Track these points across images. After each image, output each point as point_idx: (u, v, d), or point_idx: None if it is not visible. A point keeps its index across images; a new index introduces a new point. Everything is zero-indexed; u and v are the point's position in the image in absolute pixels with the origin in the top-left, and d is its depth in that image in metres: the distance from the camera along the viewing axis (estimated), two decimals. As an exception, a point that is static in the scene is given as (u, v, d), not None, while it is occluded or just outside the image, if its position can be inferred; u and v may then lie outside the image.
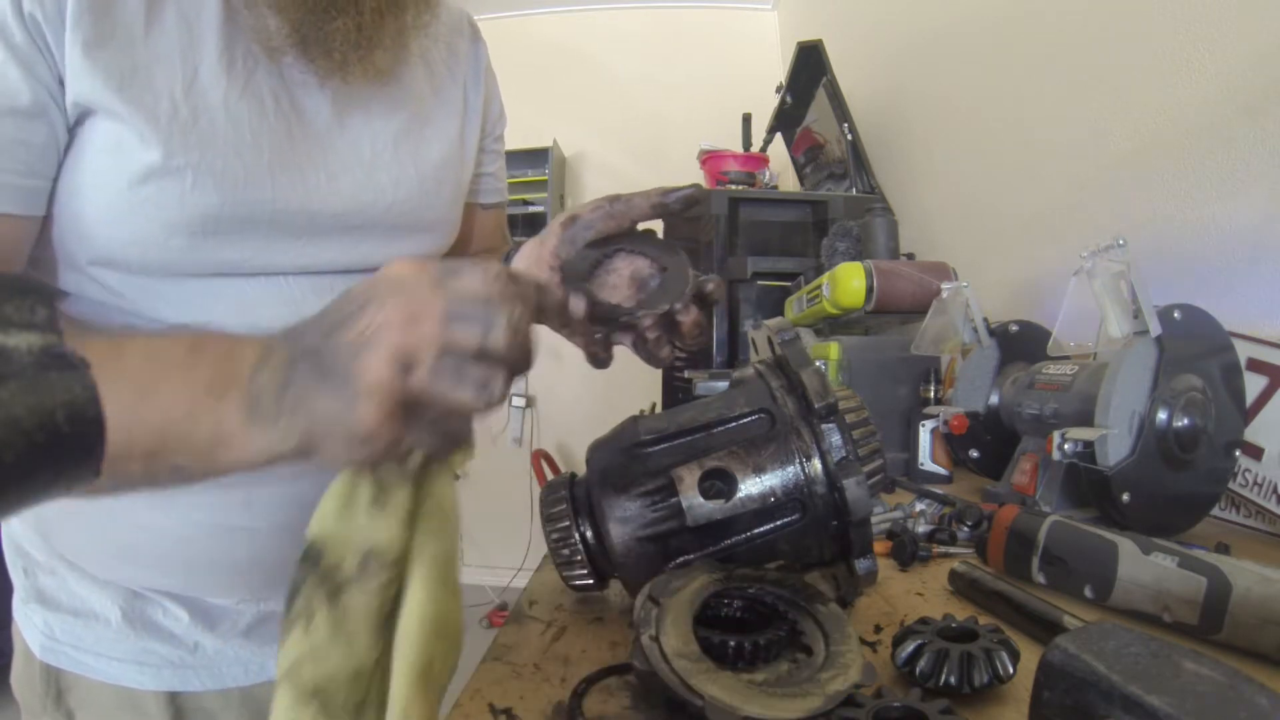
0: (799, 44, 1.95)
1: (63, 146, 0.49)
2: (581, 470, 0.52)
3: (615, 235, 0.54)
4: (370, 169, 0.59)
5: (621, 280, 0.55)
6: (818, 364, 0.51)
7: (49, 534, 0.60)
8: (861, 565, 0.45)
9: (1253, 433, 0.74)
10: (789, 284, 1.55)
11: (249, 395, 0.37)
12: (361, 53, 0.54)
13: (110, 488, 0.39)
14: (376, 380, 0.34)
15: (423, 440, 0.37)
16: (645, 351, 0.54)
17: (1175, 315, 0.69)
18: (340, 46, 0.53)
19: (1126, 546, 0.50)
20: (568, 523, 0.48)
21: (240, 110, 0.51)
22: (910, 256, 1.44)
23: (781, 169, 2.58)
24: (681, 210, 0.53)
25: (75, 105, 0.47)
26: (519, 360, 0.36)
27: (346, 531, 0.39)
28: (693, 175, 2.35)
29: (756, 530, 0.45)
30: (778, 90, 2.16)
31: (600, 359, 0.55)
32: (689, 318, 0.52)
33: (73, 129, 0.49)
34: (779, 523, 0.45)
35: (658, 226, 1.63)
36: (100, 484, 0.40)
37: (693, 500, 0.44)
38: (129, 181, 0.48)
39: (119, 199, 0.49)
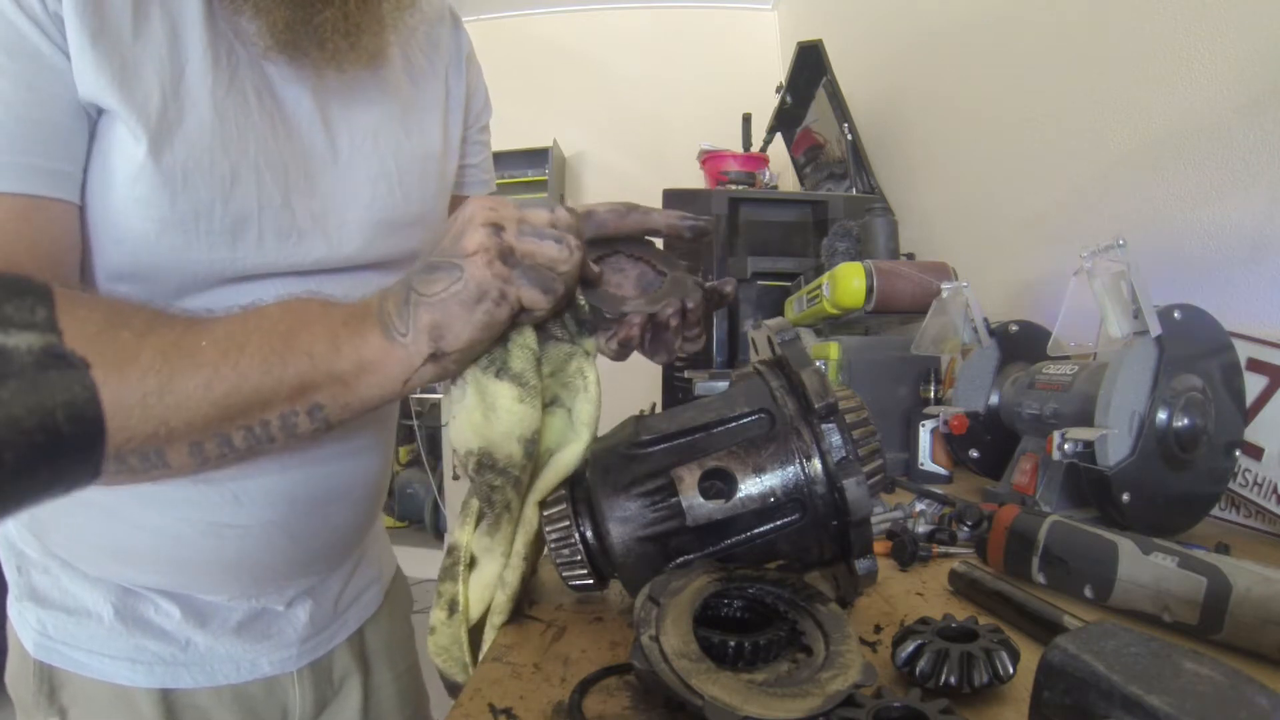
0: (799, 44, 1.95)
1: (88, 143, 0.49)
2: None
3: (618, 239, 0.54)
4: (348, 165, 0.59)
5: (628, 280, 0.55)
6: (818, 364, 0.51)
7: (42, 532, 0.60)
8: (861, 565, 0.45)
9: (1253, 433, 0.74)
10: (789, 284, 1.55)
11: (380, 319, 0.45)
12: (352, 39, 0.54)
13: (239, 450, 0.45)
14: (477, 243, 0.43)
15: (525, 289, 0.44)
16: (660, 343, 0.53)
17: (1175, 315, 0.69)
18: (332, 36, 0.53)
19: (1126, 546, 0.50)
20: (568, 523, 0.48)
21: (226, 106, 0.51)
22: (910, 256, 1.44)
23: (781, 169, 2.58)
24: (691, 240, 0.53)
25: (87, 102, 0.47)
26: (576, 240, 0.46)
27: (504, 427, 0.46)
28: (693, 175, 2.35)
29: (756, 530, 0.45)
30: (778, 90, 2.16)
31: (627, 342, 0.53)
32: (695, 315, 0.52)
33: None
34: (779, 523, 0.45)
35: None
36: (232, 444, 0.45)
37: (693, 500, 0.44)
38: (124, 180, 0.48)
39: (116, 197, 0.49)
